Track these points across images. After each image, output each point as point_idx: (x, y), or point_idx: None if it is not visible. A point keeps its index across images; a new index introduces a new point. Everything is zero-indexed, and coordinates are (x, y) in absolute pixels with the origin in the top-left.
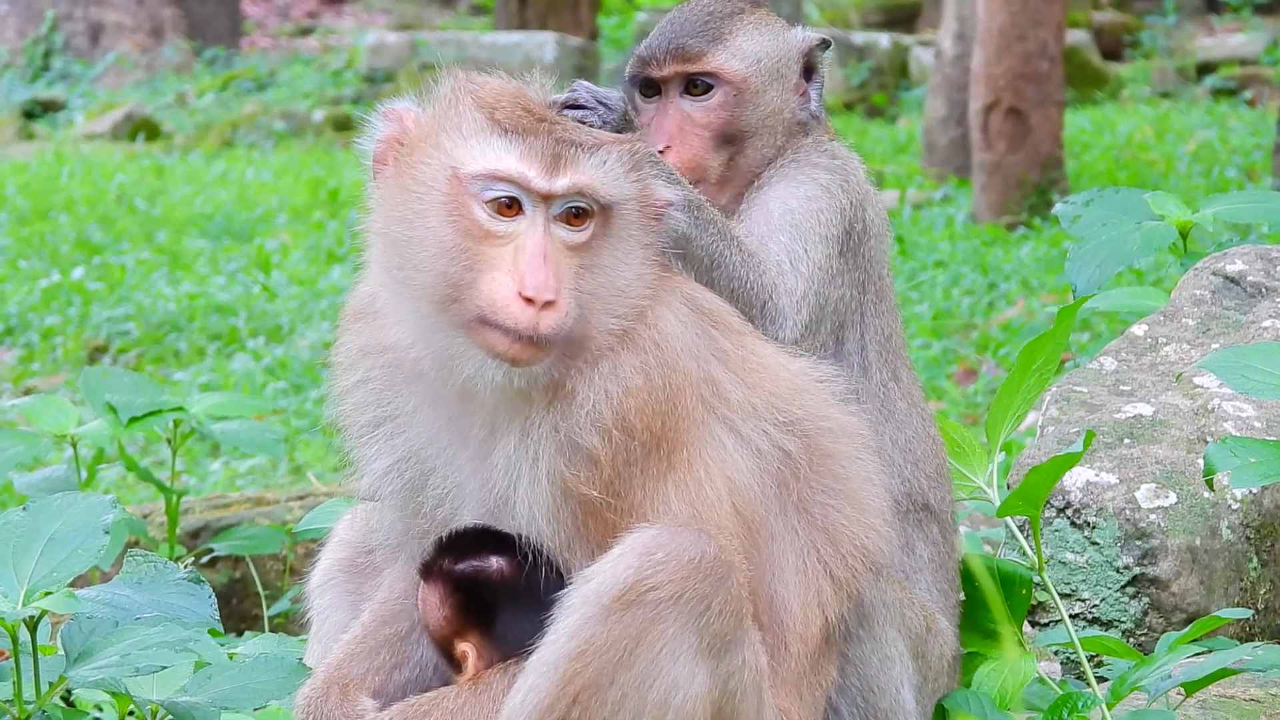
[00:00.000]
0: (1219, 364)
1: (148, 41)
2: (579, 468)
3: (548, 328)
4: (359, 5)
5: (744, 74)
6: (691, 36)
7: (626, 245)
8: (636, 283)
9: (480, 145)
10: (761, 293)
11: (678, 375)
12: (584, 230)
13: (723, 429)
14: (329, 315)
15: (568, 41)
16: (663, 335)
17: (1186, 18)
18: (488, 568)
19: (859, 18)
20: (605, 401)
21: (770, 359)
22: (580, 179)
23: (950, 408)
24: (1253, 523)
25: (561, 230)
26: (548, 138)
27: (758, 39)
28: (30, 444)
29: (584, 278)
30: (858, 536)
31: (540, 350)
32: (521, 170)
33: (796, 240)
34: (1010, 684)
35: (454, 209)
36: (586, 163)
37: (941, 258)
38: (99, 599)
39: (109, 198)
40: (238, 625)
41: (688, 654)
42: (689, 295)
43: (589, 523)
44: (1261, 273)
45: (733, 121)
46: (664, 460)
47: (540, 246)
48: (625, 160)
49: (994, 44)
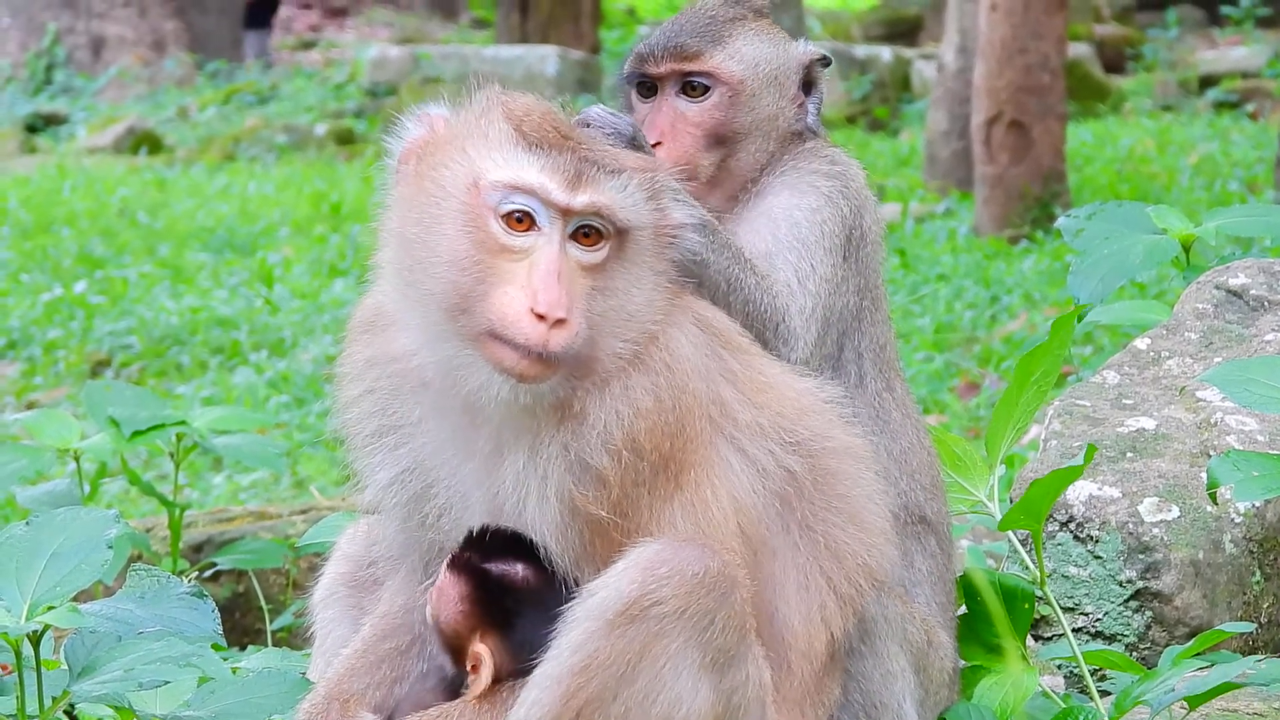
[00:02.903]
0: (1222, 377)
1: (150, 55)
2: (588, 488)
3: (558, 345)
4: (361, 19)
5: (740, 76)
6: (691, 36)
7: (639, 270)
8: (647, 308)
9: (504, 156)
10: (774, 315)
11: (687, 397)
12: (598, 251)
13: (729, 448)
14: (331, 329)
15: (569, 55)
16: (674, 357)
17: (1188, 31)
18: (516, 572)
19: (861, 31)
20: (616, 422)
21: (778, 379)
22: (600, 199)
23: (952, 421)
24: (1256, 536)
25: (576, 250)
26: (571, 155)
27: (757, 45)
28: (33, 458)
29: (596, 299)
30: (860, 555)
31: (548, 368)
32: (543, 182)
33: (803, 257)
34: (1013, 698)
35: (471, 218)
36: (608, 184)
37: (943, 271)
38: (102, 613)
39: (111, 211)
40: (240, 639)
41: (691, 669)
42: (700, 316)
43: (596, 541)
44: (1264, 286)
45: (726, 123)
46: (671, 481)
47: (555, 263)
48: (646, 186)
49: (996, 57)
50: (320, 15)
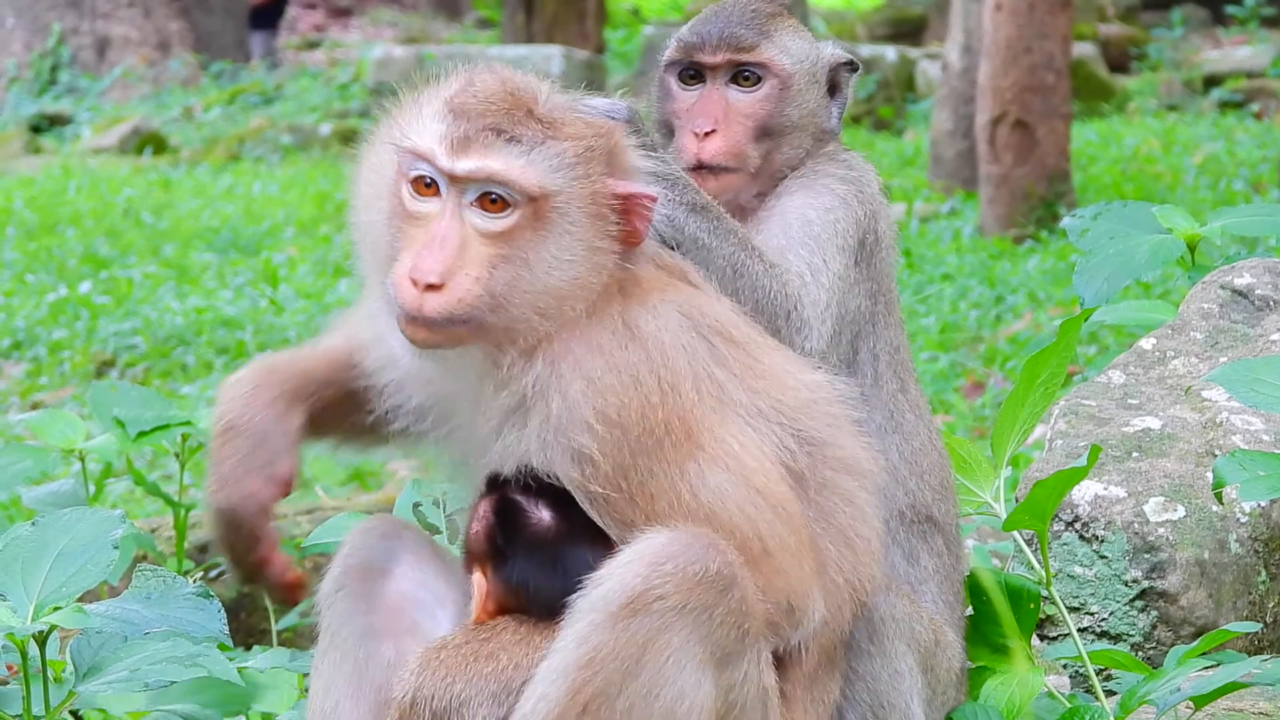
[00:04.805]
0: (1227, 377)
1: (154, 55)
2: (576, 467)
3: (431, 310)
4: (365, 19)
5: (791, 70)
6: (744, 27)
7: (565, 239)
8: (573, 279)
9: (420, 122)
10: (786, 302)
11: (668, 371)
12: (504, 218)
13: (734, 418)
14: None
15: (574, 55)
16: (641, 333)
17: (1193, 30)
18: (539, 517)
19: (866, 30)
20: (583, 401)
21: (778, 368)
22: (488, 164)
23: (958, 421)
24: (1261, 536)
25: (477, 216)
26: (477, 121)
27: (798, 41)
28: (38, 458)
29: (502, 267)
30: (845, 572)
31: (430, 333)
32: (430, 147)
33: (816, 253)
34: (1019, 697)
35: (392, 186)
36: (504, 150)
37: (948, 271)
38: (108, 614)
39: (116, 212)
40: (246, 640)
41: (694, 663)
42: (687, 303)
43: (623, 509)
44: (1269, 286)
45: (775, 115)
46: (684, 443)
47: (441, 229)
48: (572, 153)
49: (1000, 57)
50: (325, 15)
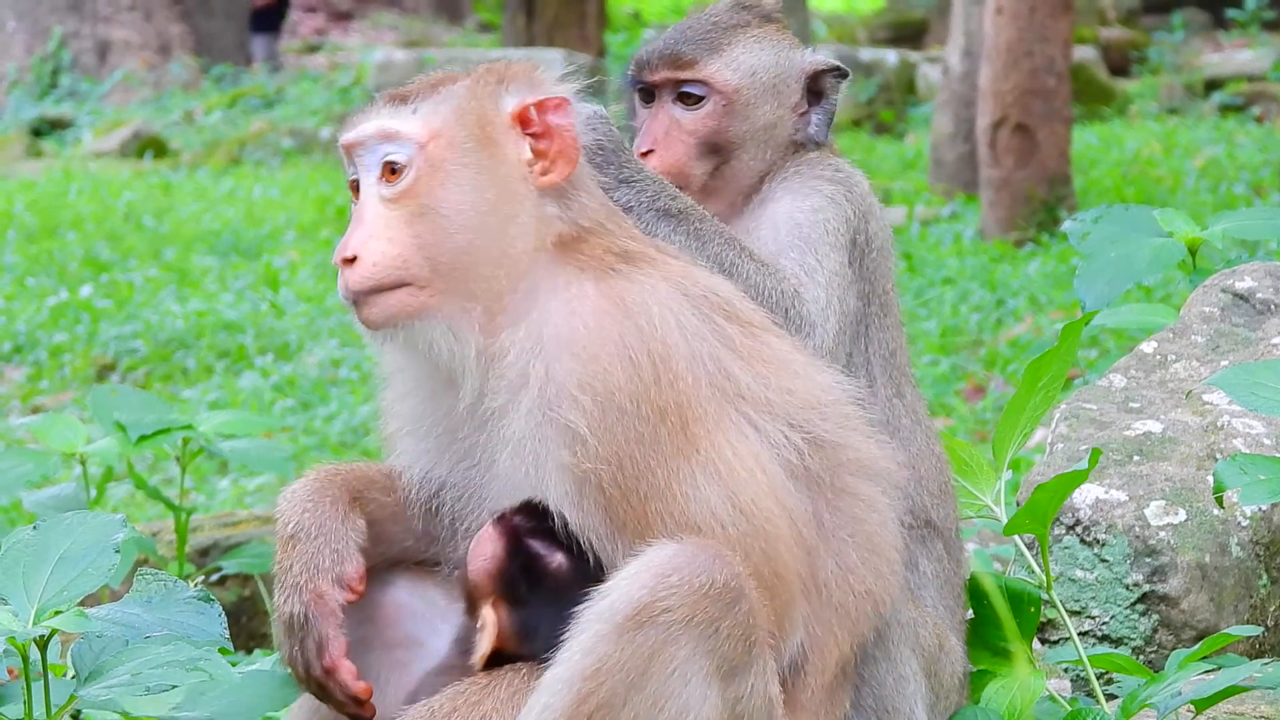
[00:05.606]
0: (1228, 381)
1: (155, 59)
2: (569, 449)
3: (355, 283)
4: (366, 22)
5: (735, 85)
6: (688, 44)
7: (465, 174)
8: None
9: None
10: (783, 299)
11: (658, 344)
12: (401, 181)
13: (738, 415)
14: (337, 332)
15: (575, 59)
16: (626, 304)
17: (1193, 34)
18: (553, 557)
19: (866, 34)
20: (569, 374)
21: (788, 357)
22: (367, 129)
23: (959, 424)
24: (1262, 540)
25: (382, 188)
26: (378, 98)
27: (757, 53)
28: (39, 462)
29: (416, 225)
30: (868, 581)
31: (370, 308)
32: (345, 131)
33: (808, 253)
34: (1020, 701)
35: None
36: (391, 110)
37: (949, 274)
38: (109, 618)
39: (117, 215)
40: (247, 643)
41: (699, 677)
42: (683, 279)
43: (617, 512)
44: (1271, 290)
45: (720, 131)
46: (679, 436)
47: (356, 210)
48: (458, 92)
49: (1001, 60)
50: (326, 18)
